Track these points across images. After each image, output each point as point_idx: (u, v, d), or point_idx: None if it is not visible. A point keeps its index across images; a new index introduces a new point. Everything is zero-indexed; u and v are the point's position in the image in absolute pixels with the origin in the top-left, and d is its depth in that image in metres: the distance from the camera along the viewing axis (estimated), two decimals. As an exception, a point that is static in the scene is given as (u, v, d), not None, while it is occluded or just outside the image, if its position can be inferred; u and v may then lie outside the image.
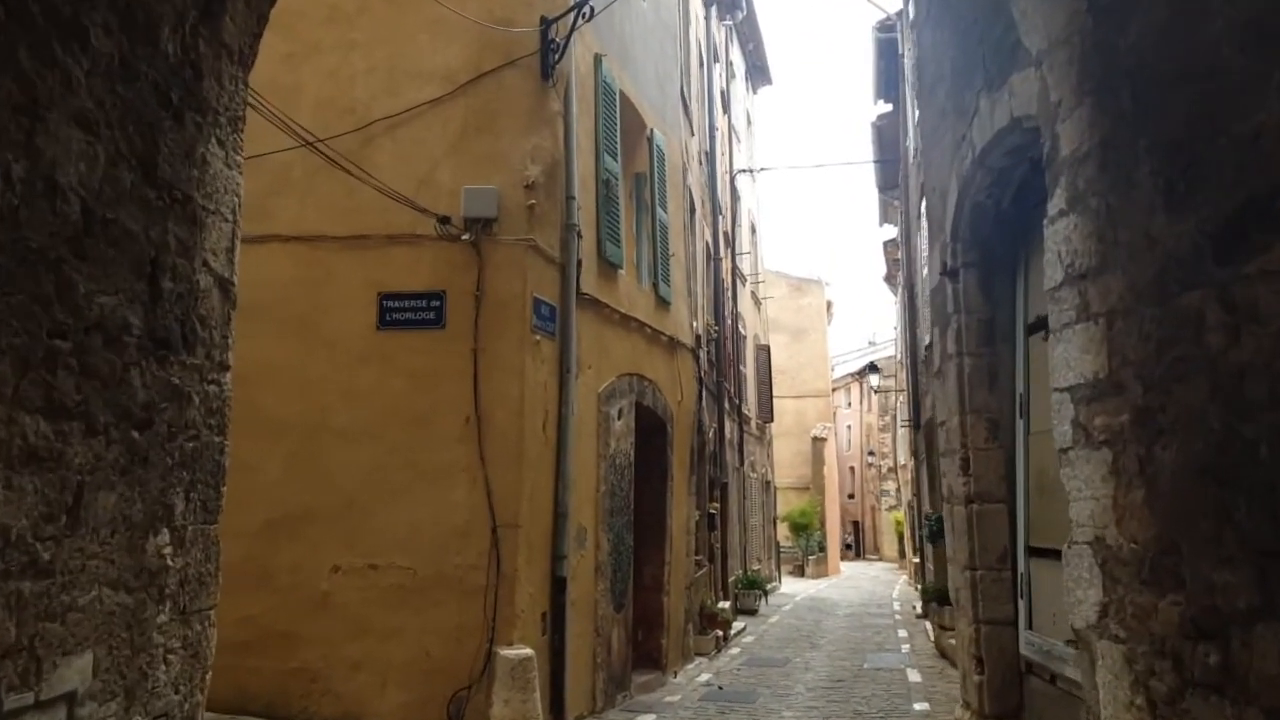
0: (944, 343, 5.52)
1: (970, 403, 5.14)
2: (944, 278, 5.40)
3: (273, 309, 6.38)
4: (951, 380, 5.30)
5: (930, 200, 5.97)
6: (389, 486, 6.15)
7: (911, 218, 16.56)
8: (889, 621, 16.03)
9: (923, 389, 16.17)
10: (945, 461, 5.62)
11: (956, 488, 5.26)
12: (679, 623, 9.99)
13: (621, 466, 8.12)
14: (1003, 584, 4.97)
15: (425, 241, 6.39)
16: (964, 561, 5.14)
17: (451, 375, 6.23)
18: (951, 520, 5.49)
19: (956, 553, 5.33)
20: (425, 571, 6.05)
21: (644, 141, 9.44)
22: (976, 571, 5.01)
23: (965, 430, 5.14)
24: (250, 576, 6.08)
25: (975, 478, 5.07)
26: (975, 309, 5.20)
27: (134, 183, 2.80)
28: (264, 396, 6.28)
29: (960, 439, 5.17)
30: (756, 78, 24.20)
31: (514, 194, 6.46)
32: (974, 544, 5.04)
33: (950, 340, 5.35)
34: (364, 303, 6.37)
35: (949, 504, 5.58)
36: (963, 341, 5.20)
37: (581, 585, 7.12)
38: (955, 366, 5.24)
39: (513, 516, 6.09)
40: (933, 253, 5.95)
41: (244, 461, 6.48)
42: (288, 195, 6.53)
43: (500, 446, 6.14)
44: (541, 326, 6.53)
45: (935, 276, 5.77)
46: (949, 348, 5.36)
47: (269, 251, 6.46)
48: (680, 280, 10.67)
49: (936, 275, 5.72)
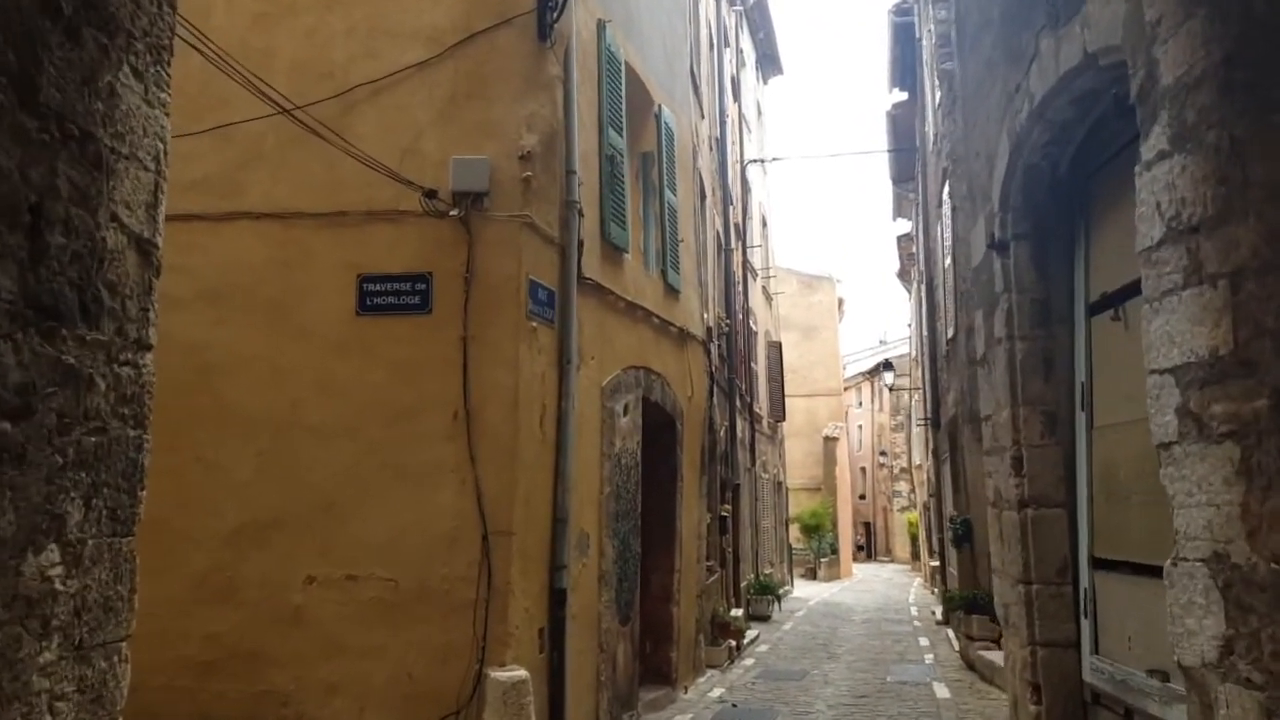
0: (990, 326, 4.89)
1: (1023, 393, 4.51)
2: (991, 252, 4.77)
3: (241, 293, 5.82)
4: (1000, 368, 4.67)
5: (972, 167, 5.35)
6: (369, 489, 5.56)
7: (930, 208, 15.92)
8: (908, 629, 15.38)
9: (943, 386, 15.52)
10: (991, 460, 4.99)
11: (1006, 490, 4.63)
12: (690, 634, 9.36)
13: (627, 467, 7.51)
14: (1062, 601, 4.34)
15: (409, 218, 5.79)
16: (1016, 574, 4.51)
17: (438, 366, 5.64)
18: (999, 526, 4.86)
19: (1006, 564, 4.70)
20: (408, 583, 5.45)
21: (651, 119, 8.82)
22: (1032, 586, 4.38)
23: (1017, 425, 4.51)
24: (215, 589, 5.51)
25: (1029, 479, 4.44)
26: (1028, 287, 4.57)
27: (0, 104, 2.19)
28: (231, 389, 5.71)
29: (1011, 435, 4.53)
30: (767, 67, 23.57)
31: (508, 166, 5.85)
32: (1028, 554, 4.41)
33: (999, 323, 4.71)
34: (342, 286, 5.78)
35: (996, 508, 4.95)
36: (1014, 324, 4.57)
37: (583, 597, 6.50)
38: (1005, 353, 4.61)
39: (506, 522, 5.48)
40: (974, 226, 5.32)
41: (209, 461, 5.91)
42: (259, 169, 5.95)
43: (492, 445, 5.54)
44: (538, 312, 5.92)
45: (979, 252, 5.14)
46: (997, 331, 4.73)
47: (238, 231, 5.90)
48: (690, 268, 10.04)
49: (980, 251, 5.09)
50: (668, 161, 8.95)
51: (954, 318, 12.37)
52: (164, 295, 5.83)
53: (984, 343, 5.10)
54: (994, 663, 8.90)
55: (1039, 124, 4.06)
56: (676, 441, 9.09)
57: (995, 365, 4.77)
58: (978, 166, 5.14)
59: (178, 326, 5.81)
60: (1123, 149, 3.76)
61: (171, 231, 6.05)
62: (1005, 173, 4.50)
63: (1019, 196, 4.54)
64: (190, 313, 5.77)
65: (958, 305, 12.03)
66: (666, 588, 8.79)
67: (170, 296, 5.84)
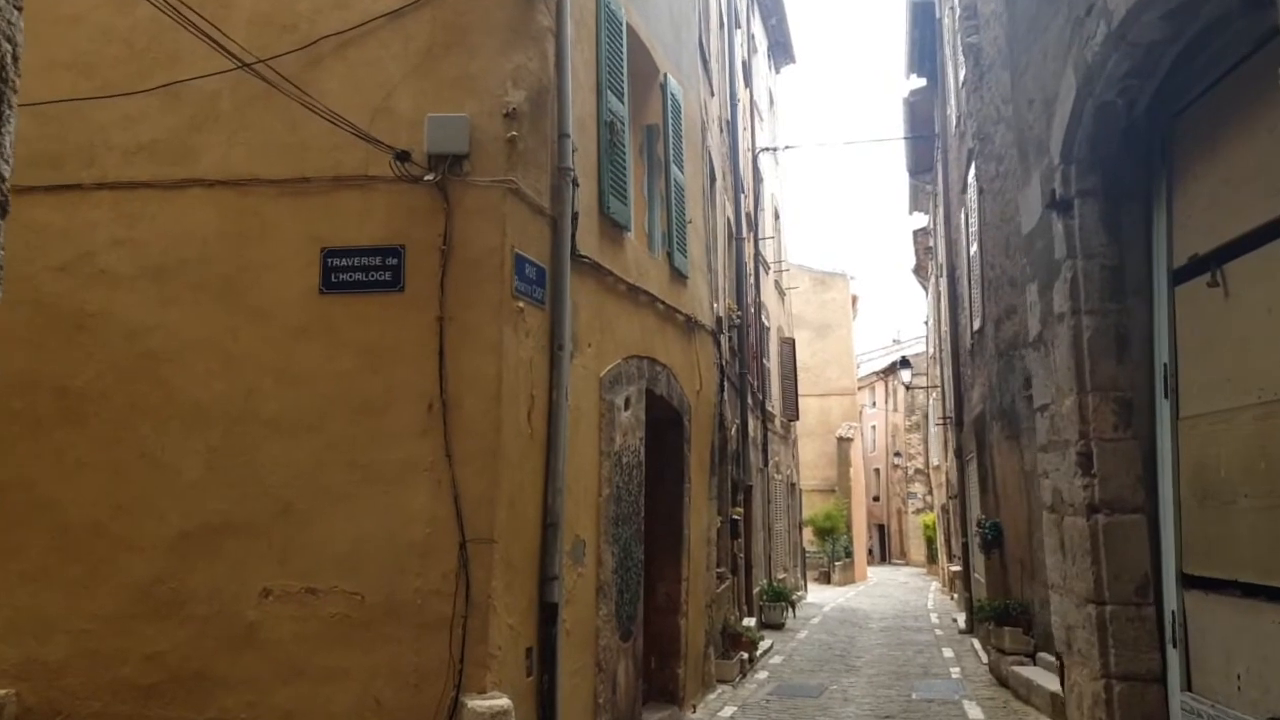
0: (1048, 301, 4.18)
1: (1092, 378, 3.80)
2: (1050, 214, 4.06)
3: (191, 270, 5.17)
4: (1063, 349, 3.96)
5: (1023, 119, 4.63)
6: (332, 490, 4.89)
7: (952, 195, 15.18)
8: (929, 638, 14.63)
9: (966, 382, 14.77)
10: (1050, 458, 4.28)
11: (1071, 492, 3.92)
12: (698, 647, 8.66)
13: (629, 466, 6.82)
14: (1143, 625, 3.63)
15: (380, 185, 5.13)
16: (1084, 592, 3.80)
17: (411, 350, 4.97)
18: (1059, 534, 4.15)
19: (1069, 580, 3.99)
20: (375, 598, 4.78)
21: (656, 89, 8.14)
22: (1105, 607, 3.67)
23: (1085, 415, 3.80)
24: (158, 603, 4.86)
25: (1101, 479, 3.73)
26: (1097, 252, 3.86)
27: None
28: (179, 378, 5.06)
29: (1077, 427, 3.82)
30: (779, 55, 22.86)
31: (490, 124, 5.18)
32: (1100, 569, 3.69)
33: (1060, 296, 4.01)
34: (304, 261, 5.12)
35: (1055, 513, 4.24)
36: (1080, 296, 3.86)
37: (579, 611, 5.82)
38: (1069, 330, 3.90)
39: (487, 528, 4.81)
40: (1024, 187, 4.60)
41: (152, 458, 5.23)
42: (213, 131, 5.30)
43: (472, 441, 4.87)
44: (526, 291, 5.24)
45: (1032, 216, 4.43)
46: (1058, 306, 4.02)
47: (189, 201, 5.25)
48: (698, 253, 9.34)
49: (1035, 214, 4.38)
50: (674, 136, 8.26)
51: (981, 308, 11.63)
52: (105, 272, 5.16)
53: (1039, 320, 4.39)
54: (1030, 680, 8.17)
55: (1118, 50, 3.36)
56: (683, 439, 8.40)
57: (1056, 346, 4.06)
58: (1031, 116, 4.42)
59: (119, 306, 5.18)
60: (1228, 73, 3.05)
61: (114, 201, 5.38)
62: (1070, 117, 3.79)
63: (1086, 145, 3.84)
64: (133, 291, 5.14)
65: (985, 295, 11.30)
66: (673, 598, 8.09)
67: (112, 273, 5.23)
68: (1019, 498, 9.87)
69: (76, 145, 5.26)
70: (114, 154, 5.28)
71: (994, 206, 10.59)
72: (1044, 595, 9.17)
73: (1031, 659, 9.20)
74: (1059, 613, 4.24)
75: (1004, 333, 10.24)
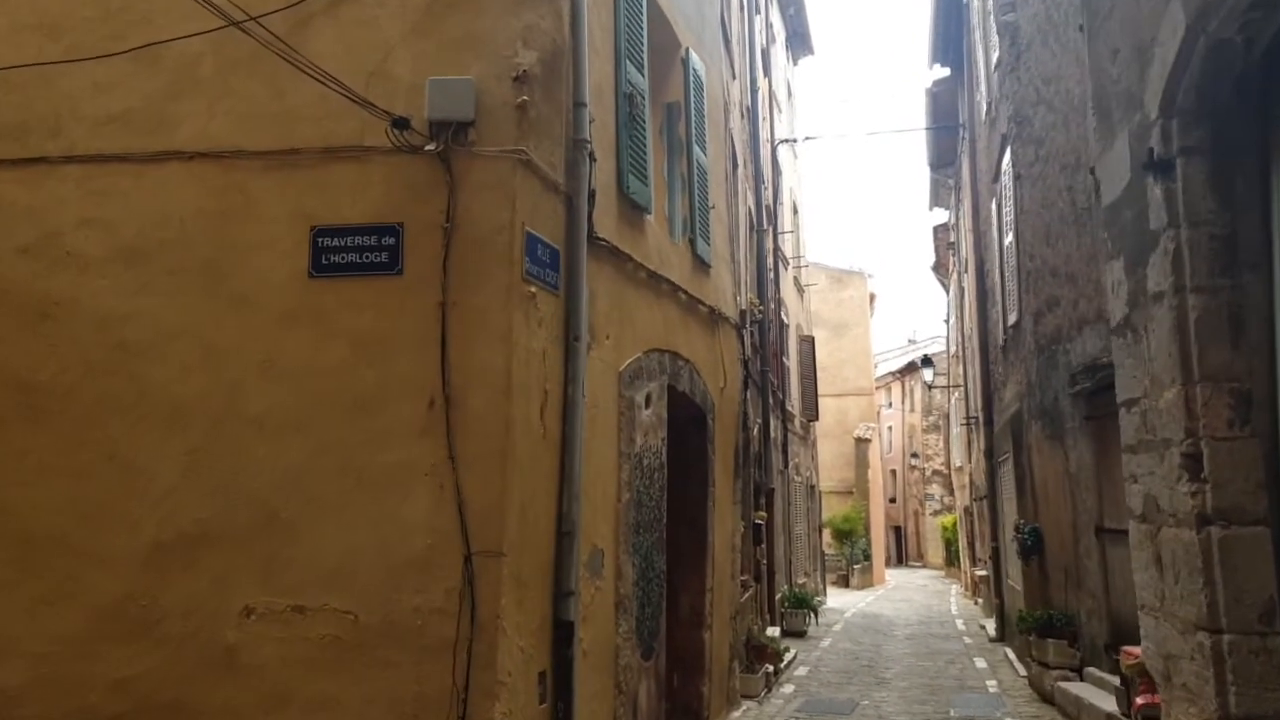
0: (1138, 279, 3.62)
1: (1201, 366, 3.24)
2: (1144, 177, 3.50)
3: (169, 253, 4.66)
4: (1163, 333, 3.40)
5: (1103, 74, 4.07)
6: (322, 498, 4.38)
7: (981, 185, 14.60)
8: (959, 646, 14.03)
9: (997, 380, 14.17)
10: (1142, 459, 3.71)
11: (1173, 500, 3.36)
12: (723, 662, 8.11)
13: (650, 468, 6.28)
14: (1271, 659, 3.07)
15: (376, 156, 4.61)
16: (1193, 618, 3.25)
17: (410, 340, 4.45)
18: (1155, 549, 3.59)
19: (1171, 603, 3.43)
20: (370, 618, 4.26)
21: (677, 64, 7.60)
22: (1222, 636, 3.11)
23: (1192, 409, 3.24)
24: (128, 623, 4.35)
25: (1214, 485, 3.17)
26: (1205, 219, 3.30)
27: None
28: (155, 372, 4.56)
29: (1183, 423, 3.27)
30: (797, 46, 22.29)
31: (499, 89, 4.65)
32: (1215, 591, 3.14)
33: (1157, 271, 3.45)
34: (292, 242, 4.60)
35: (1148, 524, 3.68)
36: (1184, 271, 3.30)
37: (597, 629, 5.29)
38: (1170, 311, 3.35)
39: (495, 540, 4.28)
40: (1106, 150, 4.04)
41: (124, 461, 4.68)
42: (194, 98, 4.79)
43: (478, 441, 4.34)
44: (538, 275, 4.71)
45: (1117, 181, 3.87)
46: (1155, 284, 3.46)
47: (166, 175, 4.74)
48: (722, 241, 8.79)
49: (1121, 178, 3.81)
50: (696, 114, 7.72)
51: (1018, 302, 11.04)
52: (72, 255, 4.55)
53: (1126, 303, 3.82)
54: (1081, 698, 7.59)
55: (1245, -28, 2.81)
56: (708, 439, 7.85)
57: (1152, 329, 3.50)
58: (1115, 69, 3.86)
59: (88, 294, 4.65)
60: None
61: (83, 176, 4.76)
62: (1174, 61, 3.24)
63: (1192, 95, 3.28)
64: (105, 277, 4.63)
65: (1023, 287, 10.71)
66: (697, 610, 7.54)
67: (80, 256, 4.60)
68: (1062, 501, 9.28)
69: (42, 115, 4.76)
70: (83, 124, 4.77)
71: (1033, 193, 10.01)
72: (1090, 606, 8.57)
73: (1078, 674, 8.62)
74: (1153, 640, 3.68)
75: (1045, 327, 9.65)
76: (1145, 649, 3.87)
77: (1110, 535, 7.98)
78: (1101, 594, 8.10)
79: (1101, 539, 8.14)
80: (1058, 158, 9.02)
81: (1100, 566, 8.15)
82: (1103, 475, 8.09)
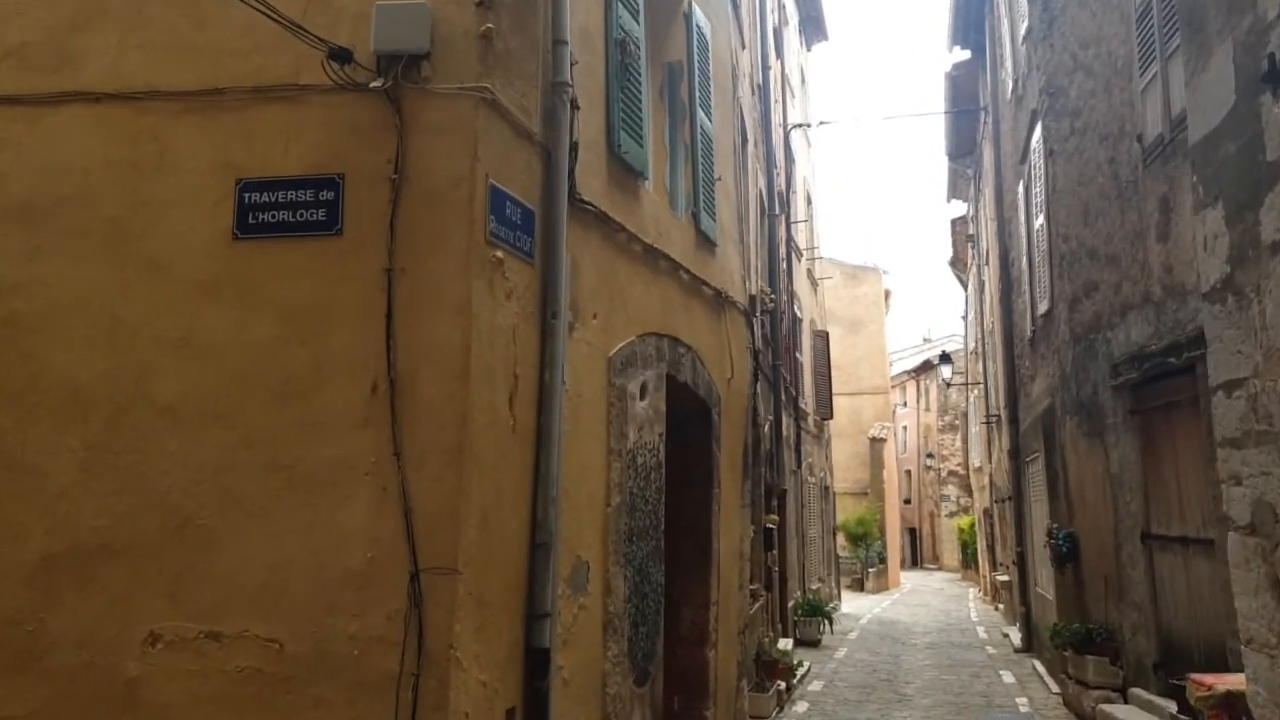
0: (1246, 227, 2.86)
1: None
2: (1260, 93, 2.73)
3: (68, 211, 3.93)
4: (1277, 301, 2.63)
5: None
6: (244, 501, 3.64)
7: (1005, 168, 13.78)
8: (982, 657, 13.22)
9: (1023, 375, 13.35)
10: (1250, 455, 2.95)
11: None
12: (730, 682, 7.35)
13: (646, 468, 5.53)
14: None
15: (313, 96, 3.88)
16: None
17: (350, 313, 3.72)
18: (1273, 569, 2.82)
19: None
20: (298, 647, 3.52)
21: (680, 19, 6.86)
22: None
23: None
24: (11, 652, 3.63)
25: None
26: (1349, 141, 2.53)
27: None
28: (50, 352, 3.83)
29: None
30: (810, 31, 21.49)
31: (459, 15, 3.92)
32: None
33: (1277, 214, 2.67)
34: (214, 197, 3.88)
35: (1255, 536, 2.92)
36: (1321, 210, 2.53)
37: (580, 653, 4.55)
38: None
39: (448, 553, 3.54)
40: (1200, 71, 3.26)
41: (11, 458, 3.91)
42: (100, 30, 4.08)
43: (429, 433, 3.61)
44: (507, 238, 3.97)
45: (1214, 108, 3.09)
46: (1269, 232, 2.69)
47: (67, 120, 4.02)
48: (729, 218, 8.03)
49: (1222, 104, 3.04)
50: (700, 76, 6.97)
51: (1049, 288, 10.23)
52: None
53: (1227, 259, 3.05)
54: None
55: None
56: (712, 436, 7.10)
57: (1267, 290, 2.73)
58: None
59: (-28, 259, 3.98)
60: None
61: None
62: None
63: (1331, -21, 2.50)
64: (-7, 239, 3.91)
65: (1056, 272, 9.90)
66: (700, 626, 6.79)
67: None
68: (1102, 504, 8.48)
69: (-78, 49, 4.06)
70: (-29, 61, 4.06)
71: (1068, 169, 9.20)
72: (1135, 620, 7.77)
73: (1121, 694, 7.82)
74: (1264, 684, 2.90)
75: (1082, 314, 8.85)
76: (1254, 694, 3.10)
77: (1158, 542, 7.20)
78: (1149, 607, 7.30)
79: (1148, 546, 7.35)
80: (1097, 128, 8.23)
81: (1147, 576, 7.36)
82: (1149, 475, 7.31)
